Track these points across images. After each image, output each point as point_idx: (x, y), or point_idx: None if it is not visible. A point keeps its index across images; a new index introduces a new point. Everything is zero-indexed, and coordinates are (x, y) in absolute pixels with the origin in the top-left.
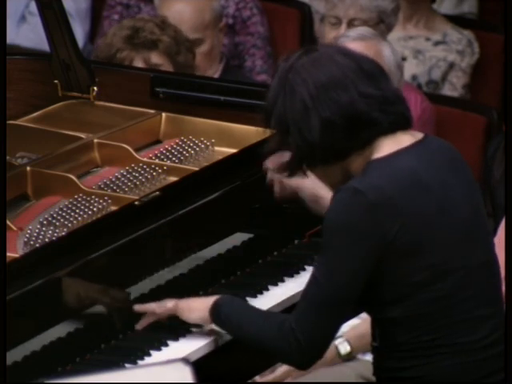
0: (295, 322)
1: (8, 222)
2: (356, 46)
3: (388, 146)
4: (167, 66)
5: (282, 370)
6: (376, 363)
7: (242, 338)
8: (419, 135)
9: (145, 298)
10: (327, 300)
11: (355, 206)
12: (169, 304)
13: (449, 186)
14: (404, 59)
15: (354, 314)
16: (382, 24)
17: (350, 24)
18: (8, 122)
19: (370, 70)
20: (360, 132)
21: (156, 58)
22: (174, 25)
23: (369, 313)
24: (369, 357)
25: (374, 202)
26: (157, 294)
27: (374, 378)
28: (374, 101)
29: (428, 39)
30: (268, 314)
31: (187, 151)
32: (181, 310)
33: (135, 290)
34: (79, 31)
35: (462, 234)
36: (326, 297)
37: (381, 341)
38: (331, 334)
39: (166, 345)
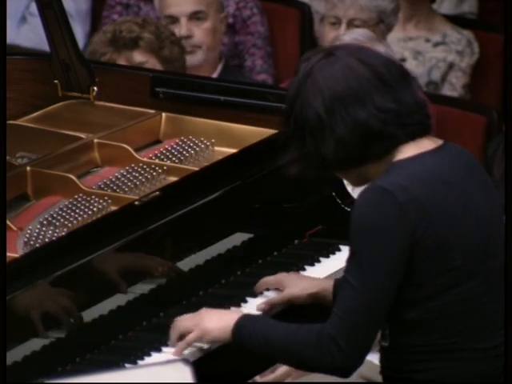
0: (334, 329)
1: (8, 222)
2: None
3: (410, 149)
4: (152, 63)
5: (282, 369)
6: (385, 363)
7: (272, 356)
8: (439, 141)
9: (145, 298)
10: (365, 304)
11: (384, 205)
12: (191, 337)
13: (469, 190)
14: (404, 60)
15: None
16: (381, 24)
17: (350, 24)
18: (8, 121)
19: (388, 79)
20: (375, 147)
21: (139, 57)
22: (158, 20)
23: None
24: (370, 357)
25: (402, 201)
26: (157, 295)
27: (374, 378)
28: (391, 115)
29: (428, 40)
30: (295, 327)
31: (187, 151)
32: (201, 332)
33: (135, 291)
34: (79, 31)
35: (485, 237)
36: (363, 301)
37: (392, 341)
38: (371, 339)
39: (166, 345)
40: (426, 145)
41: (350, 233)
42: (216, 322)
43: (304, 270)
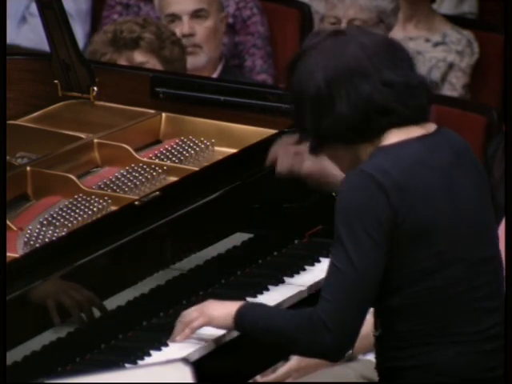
0: (324, 313)
1: (8, 222)
2: None
3: (397, 135)
4: (153, 63)
5: (283, 369)
6: (378, 353)
7: (270, 341)
8: (431, 128)
9: (145, 298)
10: (352, 287)
11: (367, 189)
12: (196, 323)
13: (455, 178)
14: None
15: None
16: (381, 24)
17: (350, 24)
18: (8, 121)
19: (397, 54)
20: (373, 123)
21: (139, 57)
22: (158, 20)
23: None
24: (370, 357)
25: (384, 184)
26: (157, 294)
27: (375, 378)
28: (396, 89)
29: (428, 40)
30: (292, 311)
31: (187, 151)
32: (205, 319)
33: (135, 290)
34: (79, 31)
35: (468, 225)
36: (350, 284)
37: (382, 329)
38: (361, 320)
39: (166, 345)
40: (415, 132)
41: (335, 214)
42: (219, 309)
43: (304, 269)
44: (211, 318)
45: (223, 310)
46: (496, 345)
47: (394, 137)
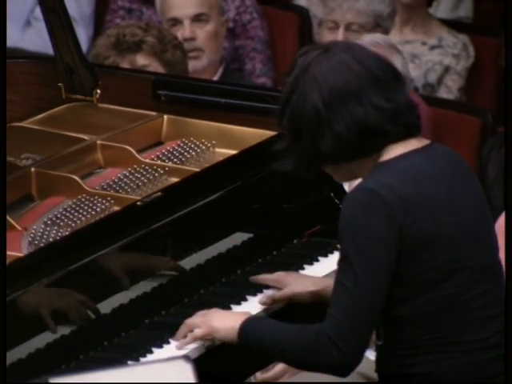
0: (331, 329)
1: (13, 222)
2: None
3: (397, 149)
4: (155, 66)
5: (280, 367)
6: (380, 361)
7: (276, 356)
8: (426, 141)
9: (147, 297)
10: (360, 304)
11: (372, 206)
12: (198, 333)
13: (455, 188)
14: None
15: None
16: (378, 28)
17: (348, 28)
18: (13, 124)
19: (384, 79)
20: (370, 143)
21: (142, 60)
22: (160, 24)
23: None
24: (368, 354)
25: (389, 200)
26: (159, 293)
27: (371, 375)
28: (387, 113)
29: (424, 43)
30: (298, 327)
31: (188, 152)
32: (207, 329)
33: (137, 289)
34: (83, 35)
35: (469, 234)
36: (357, 302)
37: (386, 339)
38: (368, 336)
39: (168, 342)
40: (413, 145)
41: (340, 234)
42: (223, 321)
43: (303, 269)
44: (214, 330)
45: (228, 322)
46: (498, 353)
47: (393, 151)
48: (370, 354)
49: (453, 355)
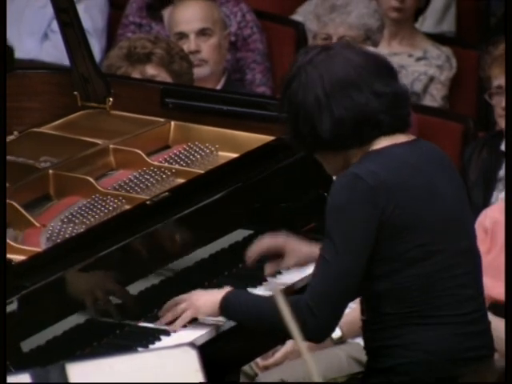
0: (310, 299)
1: (32, 220)
2: None
3: (385, 141)
4: (163, 76)
5: (280, 352)
6: (366, 335)
7: (254, 326)
8: (413, 137)
9: (155, 289)
10: (337, 276)
11: (356, 189)
12: (185, 315)
13: (436, 179)
14: None
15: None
16: (368, 41)
17: (341, 40)
18: (32, 129)
19: (382, 69)
20: (366, 132)
21: (151, 70)
22: (168, 37)
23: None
24: (358, 340)
25: (372, 185)
26: (166, 285)
27: (362, 358)
28: (386, 99)
29: (410, 55)
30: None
31: (194, 156)
32: (194, 310)
33: (147, 281)
34: (96, 47)
35: (449, 221)
36: (335, 274)
37: (368, 314)
38: (343, 308)
39: (175, 330)
40: (400, 138)
41: (326, 212)
42: (205, 299)
43: None
44: (198, 309)
45: (209, 298)
46: (477, 328)
47: (382, 143)
48: (359, 339)
49: (431, 327)
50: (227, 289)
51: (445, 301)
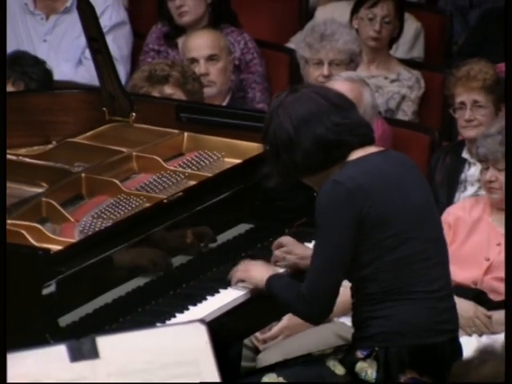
0: (305, 288)
1: (68, 216)
2: (343, 86)
3: (359, 153)
4: (179, 94)
5: (276, 328)
6: (353, 313)
7: (280, 305)
8: (382, 148)
9: (171, 273)
10: (324, 268)
11: (337, 193)
12: (237, 274)
13: (405, 181)
14: None
15: None
16: (352, 63)
17: (331, 63)
18: (68, 139)
19: (339, 104)
20: (335, 152)
21: (169, 89)
22: (182, 62)
23: (348, 275)
24: (343, 319)
25: (350, 188)
26: (181, 271)
27: (346, 335)
28: (345, 127)
29: (386, 78)
30: (294, 285)
31: (203, 161)
32: (245, 278)
33: (163, 267)
34: (122, 72)
35: (418, 214)
36: (325, 264)
37: (357, 296)
38: (332, 294)
39: (188, 309)
40: (371, 150)
41: (315, 215)
42: (258, 272)
43: None
44: (250, 277)
45: (261, 274)
46: (445, 304)
47: (356, 154)
48: (344, 319)
49: (406, 302)
50: (274, 270)
51: (417, 280)
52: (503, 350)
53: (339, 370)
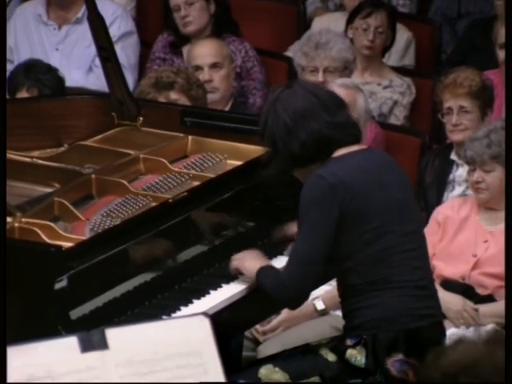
0: (284, 274)
1: (78, 214)
2: (340, 91)
3: (342, 151)
4: (184, 100)
5: (275, 321)
6: (341, 305)
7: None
8: (365, 146)
9: (176, 268)
10: (302, 256)
11: (319, 186)
12: (234, 263)
13: (384, 177)
14: None
15: (326, 280)
16: (346, 70)
17: (325, 71)
18: (79, 142)
19: (330, 104)
20: (325, 148)
21: (174, 95)
22: (187, 69)
23: (330, 268)
24: (338, 312)
25: (332, 182)
26: (186, 266)
27: (341, 327)
28: (335, 125)
29: (379, 84)
30: (277, 273)
31: (207, 163)
32: (241, 268)
33: (167, 264)
34: (130, 79)
35: (396, 209)
36: (303, 252)
37: (342, 288)
38: (309, 280)
39: (192, 302)
40: (354, 148)
41: (299, 207)
42: (251, 262)
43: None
44: (244, 267)
45: (254, 264)
46: (426, 292)
47: (340, 151)
48: (339, 312)
49: (388, 291)
50: (266, 261)
51: (398, 270)
52: (474, 338)
53: (331, 357)
